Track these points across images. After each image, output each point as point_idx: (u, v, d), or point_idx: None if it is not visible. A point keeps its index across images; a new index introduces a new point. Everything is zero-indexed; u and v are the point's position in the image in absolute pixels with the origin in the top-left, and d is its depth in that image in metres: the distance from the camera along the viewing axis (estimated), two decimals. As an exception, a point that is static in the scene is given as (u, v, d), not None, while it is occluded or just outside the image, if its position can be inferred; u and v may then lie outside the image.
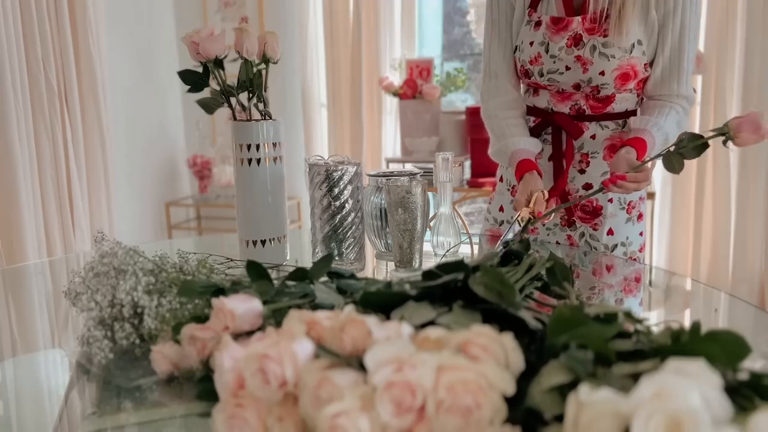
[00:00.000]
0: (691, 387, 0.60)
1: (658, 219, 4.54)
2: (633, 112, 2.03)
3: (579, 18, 1.93)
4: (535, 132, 2.09)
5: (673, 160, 1.64)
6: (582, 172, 2.05)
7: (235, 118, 1.72)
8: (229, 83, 1.72)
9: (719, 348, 0.70)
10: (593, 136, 2.02)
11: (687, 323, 0.75)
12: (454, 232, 1.81)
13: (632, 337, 0.79)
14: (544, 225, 2.12)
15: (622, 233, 2.06)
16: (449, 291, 0.93)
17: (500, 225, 2.22)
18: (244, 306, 0.97)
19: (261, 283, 1.10)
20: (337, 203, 1.68)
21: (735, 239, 4.28)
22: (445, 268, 0.96)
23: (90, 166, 4.47)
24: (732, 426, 0.60)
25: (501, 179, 2.26)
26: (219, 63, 1.70)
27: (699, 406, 0.59)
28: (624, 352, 0.74)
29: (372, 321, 0.78)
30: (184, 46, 1.70)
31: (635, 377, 0.67)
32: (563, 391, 0.68)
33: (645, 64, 1.94)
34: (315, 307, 1.03)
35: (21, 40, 3.98)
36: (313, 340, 0.80)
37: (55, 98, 4.17)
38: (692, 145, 1.61)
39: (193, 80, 1.72)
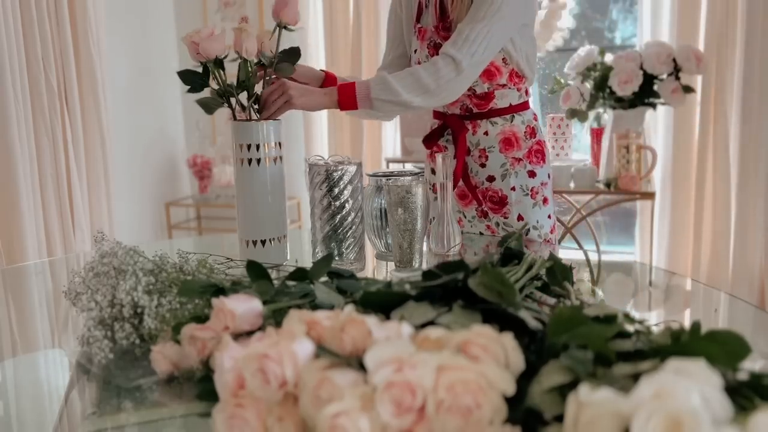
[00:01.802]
0: (692, 387, 0.60)
1: (658, 219, 4.53)
2: (521, 106, 2.18)
3: (433, 27, 2.10)
4: (438, 134, 2.26)
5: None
6: (483, 165, 2.19)
7: (235, 118, 1.73)
8: (230, 83, 1.72)
9: (719, 348, 0.70)
10: (486, 133, 2.18)
11: (687, 323, 0.76)
12: (454, 232, 1.81)
13: (632, 338, 0.79)
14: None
15: (531, 218, 2.19)
16: (449, 291, 0.93)
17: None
18: (244, 306, 0.97)
19: (261, 283, 1.10)
20: (337, 203, 1.68)
21: (735, 239, 4.26)
22: (445, 268, 0.96)
23: (90, 166, 4.47)
24: (732, 426, 0.60)
25: None
26: (219, 63, 1.70)
27: (699, 406, 0.59)
28: (624, 353, 0.74)
29: (372, 321, 0.78)
30: (185, 46, 1.69)
31: (635, 377, 0.67)
32: (563, 391, 0.68)
33: (503, 58, 2.08)
34: (315, 307, 1.03)
35: (21, 40, 3.98)
36: (313, 340, 0.80)
37: (55, 98, 4.17)
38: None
39: (192, 80, 1.72)
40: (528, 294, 1.04)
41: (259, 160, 1.69)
